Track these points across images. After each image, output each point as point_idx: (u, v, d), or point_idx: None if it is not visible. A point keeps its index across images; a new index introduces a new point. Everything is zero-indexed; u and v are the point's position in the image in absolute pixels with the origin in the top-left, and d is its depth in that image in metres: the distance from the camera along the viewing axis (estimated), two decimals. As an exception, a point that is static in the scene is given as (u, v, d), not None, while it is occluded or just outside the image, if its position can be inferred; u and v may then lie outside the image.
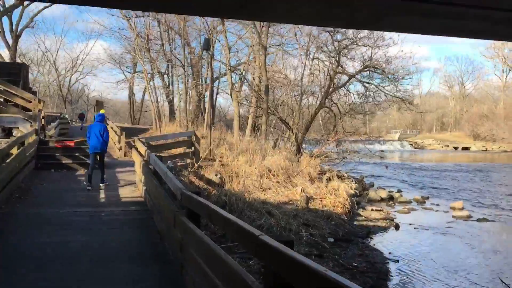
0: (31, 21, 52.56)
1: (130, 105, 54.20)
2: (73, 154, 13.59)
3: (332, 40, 21.79)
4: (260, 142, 17.39)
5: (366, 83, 21.30)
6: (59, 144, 13.37)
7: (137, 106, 55.29)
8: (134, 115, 53.51)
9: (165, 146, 12.63)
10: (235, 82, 30.82)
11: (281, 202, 11.42)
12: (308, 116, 22.47)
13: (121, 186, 11.11)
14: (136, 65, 44.12)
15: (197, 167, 13.14)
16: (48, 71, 64.26)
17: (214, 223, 4.07)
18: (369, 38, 21.34)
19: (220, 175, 11.95)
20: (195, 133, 13.37)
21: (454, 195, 19.26)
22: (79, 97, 69.75)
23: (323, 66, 22.33)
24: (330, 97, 22.39)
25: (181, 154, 13.48)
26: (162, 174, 7.02)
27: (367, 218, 12.98)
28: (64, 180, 11.91)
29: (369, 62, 21.34)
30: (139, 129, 32.63)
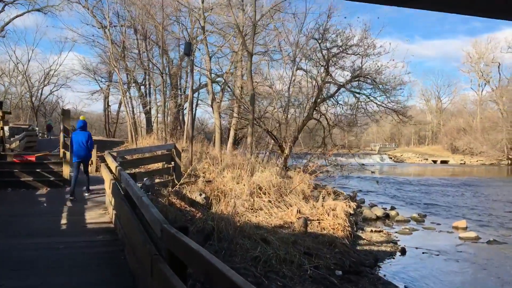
0: (1, 30, 50.39)
1: (105, 117, 52.17)
2: (34, 171, 11.85)
3: (321, 49, 20.60)
4: (246, 156, 15.89)
5: (357, 93, 20.09)
6: (18, 159, 11.62)
7: (112, 118, 53.22)
8: (109, 127, 51.47)
9: (141, 161, 11.01)
10: (217, 92, 29.36)
11: (276, 226, 9.91)
12: (295, 128, 21.11)
13: (88, 208, 9.42)
14: (111, 74, 42.33)
15: (178, 185, 11.55)
16: (21, 83, 61.74)
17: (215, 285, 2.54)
18: (359, 46, 20.25)
19: (205, 194, 10.38)
20: (175, 146, 11.79)
21: (451, 213, 18.09)
22: (53, 110, 67.32)
23: (310, 76, 21.04)
24: (318, 108, 21.11)
25: (160, 170, 11.88)
26: (135, 198, 5.45)
27: (369, 241, 11.58)
28: (21, 201, 10.15)
29: (359, 71, 20.18)
30: (114, 142, 30.73)
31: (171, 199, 9.91)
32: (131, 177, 6.30)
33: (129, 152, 10.46)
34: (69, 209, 9.29)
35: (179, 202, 9.75)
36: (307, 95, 21.26)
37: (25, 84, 61.16)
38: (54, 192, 11.18)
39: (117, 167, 7.33)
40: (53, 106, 67.74)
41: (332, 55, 20.28)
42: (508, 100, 78.09)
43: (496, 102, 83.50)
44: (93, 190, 11.58)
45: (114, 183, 7.36)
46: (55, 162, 12.27)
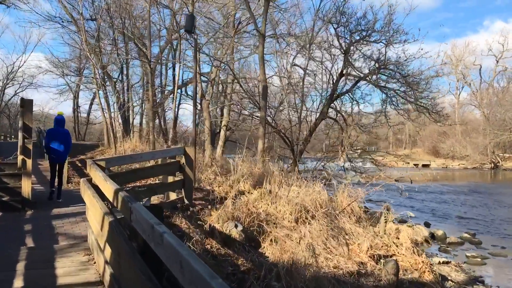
0: (-42, 22, 45.44)
1: (74, 119, 47.78)
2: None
3: (337, 35, 17.45)
4: (265, 165, 12.54)
5: (382, 87, 16.97)
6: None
7: (82, 120, 48.92)
8: (79, 130, 47.13)
9: (138, 173, 7.46)
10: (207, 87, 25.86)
11: (350, 272, 6.57)
12: (306, 129, 17.89)
13: (60, 252, 5.86)
14: (81, 70, 38.21)
15: (189, 206, 8.09)
16: (-17, 83, 56.48)
17: None
18: (382, 33, 17.20)
19: (242, 226, 6.89)
20: (185, 152, 8.30)
21: (499, 230, 15.21)
22: (18, 112, 62.31)
23: (325, 68, 17.86)
24: (334, 105, 17.95)
25: (163, 186, 8.36)
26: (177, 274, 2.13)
27: (458, 283, 8.40)
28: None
29: (383, 62, 17.12)
30: (87, 146, 26.73)
31: (191, 232, 6.43)
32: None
33: (123, 161, 6.95)
34: (30, 253, 5.73)
35: (208, 241, 6.27)
36: (321, 89, 18.05)
37: (-14, 84, 56.05)
38: (9, 220, 7.53)
39: (119, 192, 3.86)
40: (17, 108, 62.79)
41: (352, 42, 17.15)
42: (490, 103, 77.32)
43: (477, 106, 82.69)
44: (64, 213, 7.99)
45: (114, 221, 3.91)
46: (11, 174, 8.61)
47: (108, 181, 4.48)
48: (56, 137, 9.45)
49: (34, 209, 8.40)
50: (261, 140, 14.19)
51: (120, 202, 3.79)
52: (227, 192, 11.30)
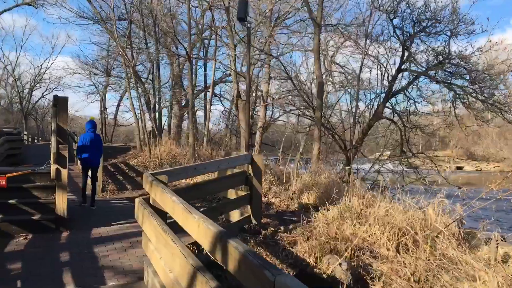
0: (-13, 25, 45.18)
1: (102, 121, 47.00)
2: (5, 203, 6.73)
3: (393, 26, 15.66)
4: (326, 172, 10.86)
5: (447, 84, 15.08)
6: (-25, 184, 6.51)
7: (109, 122, 48.17)
8: (106, 132, 46.34)
9: (203, 189, 5.87)
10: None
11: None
12: (359, 130, 16.14)
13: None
14: (110, 71, 37.17)
15: (260, 228, 6.50)
16: (11, 85, 56.46)
17: None
18: (446, 23, 15.32)
19: (346, 262, 5.22)
20: (252, 159, 6.73)
21: None
22: (44, 114, 62.35)
23: (380, 63, 16.07)
24: (390, 104, 16.17)
25: (229, 204, 6.77)
26: None
27: None
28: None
29: (446, 55, 15.25)
30: (117, 148, 25.46)
31: (276, 264, 4.83)
32: None
33: (186, 173, 5.40)
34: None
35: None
36: (375, 86, 16.27)
37: (14, 86, 55.97)
38: (41, 246, 6.07)
39: (231, 242, 2.28)
40: (44, 110, 62.79)
41: (413, 33, 15.33)
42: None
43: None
44: (107, 235, 6.51)
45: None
46: (42, 186, 7.17)
47: (197, 216, 2.90)
48: (89, 143, 9.31)
49: (70, 228, 6.95)
50: (317, 143, 12.55)
51: (238, 262, 2.20)
52: (288, 205, 9.72)
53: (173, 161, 16.95)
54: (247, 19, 10.40)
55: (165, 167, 16.37)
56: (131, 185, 14.40)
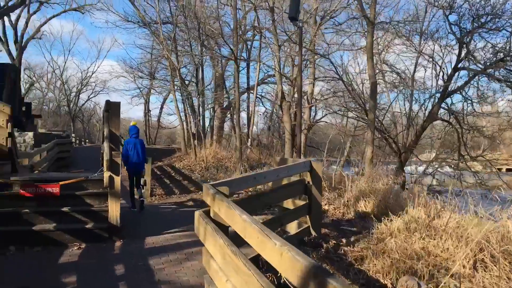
0: (37, 31, 46.82)
1: (145, 123, 47.84)
2: (58, 211, 6.60)
3: (449, 22, 14.80)
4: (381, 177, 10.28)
5: (510, 83, 14.10)
6: (29, 191, 6.40)
7: (152, 124, 48.89)
8: (150, 134, 47.07)
9: (263, 200, 5.50)
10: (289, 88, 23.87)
11: None
12: (412, 132, 15.36)
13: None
14: (154, 73, 37.60)
15: (321, 241, 6.06)
16: (59, 89, 58.51)
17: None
18: (508, 17, 14.34)
19: (425, 284, 4.73)
20: (312, 166, 6.31)
21: None
22: (90, 116, 64.29)
23: (435, 61, 15.23)
24: (445, 104, 15.31)
25: (288, 215, 6.36)
26: None
27: None
28: (28, 280, 4.92)
29: (507, 52, 14.26)
30: (162, 151, 25.59)
31: None
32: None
33: (246, 183, 5.05)
34: None
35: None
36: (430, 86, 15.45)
37: (62, 90, 57.94)
38: (94, 257, 5.87)
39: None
40: (90, 113, 64.68)
41: (471, 30, 14.44)
42: None
43: None
44: (161, 245, 6.25)
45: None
46: (96, 193, 7.01)
47: (278, 242, 2.52)
48: (133, 148, 9.44)
49: (123, 237, 6.75)
50: (370, 146, 11.95)
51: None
52: (343, 213, 9.22)
53: (218, 164, 16.75)
54: (298, 18, 9.97)
55: (211, 170, 16.19)
56: (178, 189, 14.28)
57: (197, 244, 6.01)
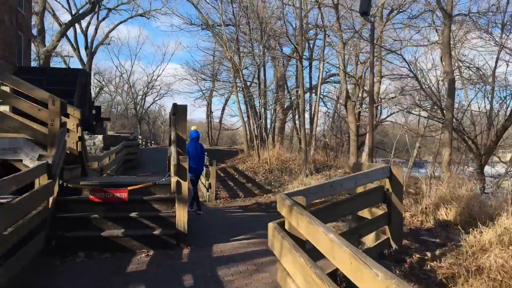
0: (106, 37, 48.89)
1: (207, 124, 48.56)
2: (127, 216, 6.50)
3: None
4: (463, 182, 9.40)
5: None
6: (98, 196, 6.35)
7: (214, 125, 49.53)
8: (212, 135, 47.68)
9: (339, 210, 5.04)
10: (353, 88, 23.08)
11: None
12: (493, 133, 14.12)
13: None
14: (216, 75, 37.97)
15: (404, 255, 5.49)
16: (127, 92, 60.99)
17: None
18: None
19: None
20: (391, 172, 5.76)
21: None
22: (156, 118, 66.46)
23: None
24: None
25: (367, 225, 5.85)
26: None
27: None
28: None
29: None
30: (225, 152, 25.65)
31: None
32: None
33: (322, 192, 4.63)
34: None
35: None
36: None
37: (129, 93, 60.27)
38: (163, 266, 5.68)
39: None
40: (155, 115, 66.82)
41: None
42: None
43: None
44: (229, 254, 5.93)
45: None
46: (163, 198, 6.86)
47: (380, 273, 2.08)
48: (193, 152, 9.56)
49: (190, 244, 6.53)
50: (447, 148, 11.08)
51: None
52: (422, 221, 8.50)
53: (282, 166, 16.38)
54: (369, 12, 9.37)
55: (275, 173, 15.85)
56: (242, 191, 14.06)
57: (266, 254, 5.66)
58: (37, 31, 33.28)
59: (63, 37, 38.32)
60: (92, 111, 23.17)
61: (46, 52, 33.10)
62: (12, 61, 19.66)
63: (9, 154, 6.77)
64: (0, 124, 6.69)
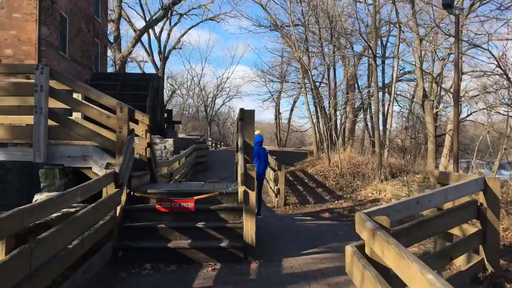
0: (178, 41, 50.29)
1: (276, 125, 48.41)
2: (193, 227, 6.26)
3: None
4: None
5: None
6: (164, 206, 6.17)
7: (283, 126, 49.25)
8: (280, 136, 47.43)
9: (426, 229, 4.48)
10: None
11: None
12: None
13: None
14: (284, 76, 37.66)
15: (501, 280, 4.74)
16: (198, 95, 62.53)
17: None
18: None
19: None
20: (486, 184, 5.02)
21: None
22: (225, 120, 67.56)
23: None
24: None
25: (458, 245, 5.16)
26: None
27: None
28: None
29: None
30: (293, 154, 25.20)
31: None
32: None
33: (407, 209, 4.06)
34: None
35: None
36: None
37: (200, 95, 61.67)
38: (231, 280, 5.35)
39: None
40: (225, 117, 67.92)
41: None
42: None
43: None
44: (300, 271, 5.47)
45: None
46: (230, 208, 6.56)
47: None
48: (257, 158, 9.58)
49: (259, 258, 6.16)
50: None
51: None
52: None
53: (354, 170, 15.62)
54: (453, 4, 8.51)
55: (347, 177, 15.14)
56: (312, 197, 13.54)
57: (341, 272, 5.14)
58: (114, 38, 34.83)
59: (137, 43, 39.85)
60: (163, 115, 23.70)
61: (121, 58, 34.49)
62: (90, 67, 20.56)
63: (79, 161, 6.81)
64: (71, 131, 6.75)
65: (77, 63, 19.01)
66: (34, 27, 15.56)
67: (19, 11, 15.43)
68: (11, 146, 6.77)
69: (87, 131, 6.77)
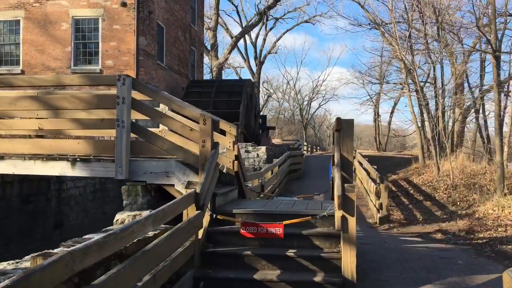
0: (273, 46, 50.24)
1: (375, 129, 46.15)
2: (283, 255, 5.43)
3: None
4: None
5: None
6: (250, 231, 5.42)
7: (382, 130, 46.76)
8: (379, 140, 45.06)
9: None
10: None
11: None
12: None
13: None
14: (384, 77, 35.53)
15: None
16: (293, 98, 62.23)
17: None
18: None
19: None
20: None
21: None
22: (321, 123, 66.35)
23: None
24: None
25: None
26: None
27: None
28: None
29: None
30: (396, 161, 23.34)
31: None
32: None
33: None
34: None
35: None
36: None
37: (295, 99, 61.15)
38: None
39: None
40: (321, 120, 66.62)
41: None
42: None
43: None
44: None
45: None
46: (324, 234, 5.64)
47: None
48: None
49: None
50: None
51: None
52: None
53: (469, 181, 13.71)
54: None
55: (461, 189, 13.32)
56: (419, 212, 12.03)
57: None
58: (211, 45, 35.51)
59: (234, 49, 40.35)
60: (257, 121, 23.32)
61: (218, 64, 35.05)
62: (186, 75, 20.82)
63: (161, 178, 6.34)
64: (153, 145, 6.30)
65: (174, 71, 19.30)
66: (132, 37, 15.95)
67: (119, 23, 15.90)
68: (94, 161, 6.52)
69: (170, 145, 6.27)
